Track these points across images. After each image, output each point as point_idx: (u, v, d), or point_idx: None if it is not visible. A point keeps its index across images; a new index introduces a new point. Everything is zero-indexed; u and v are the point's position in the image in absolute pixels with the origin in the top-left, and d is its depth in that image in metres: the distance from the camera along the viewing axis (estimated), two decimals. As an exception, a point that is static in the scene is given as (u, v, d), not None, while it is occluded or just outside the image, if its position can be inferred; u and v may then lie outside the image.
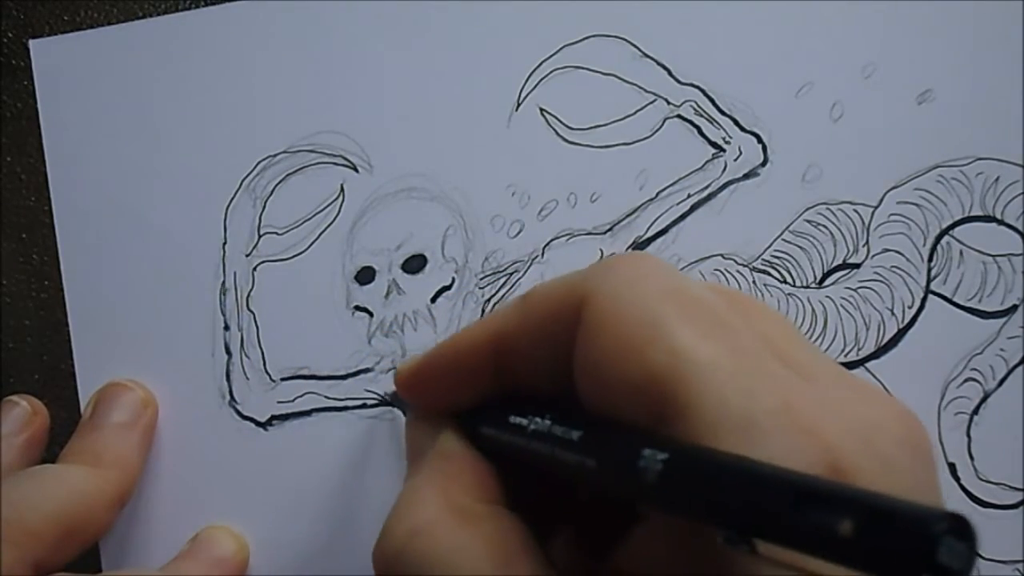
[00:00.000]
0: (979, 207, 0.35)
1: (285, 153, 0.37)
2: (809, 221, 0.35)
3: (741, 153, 0.35)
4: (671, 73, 0.36)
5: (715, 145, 0.35)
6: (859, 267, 0.35)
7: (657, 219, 0.35)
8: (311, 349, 0.36)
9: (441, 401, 0.29)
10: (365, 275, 0.36)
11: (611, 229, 0.36)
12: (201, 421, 0.36)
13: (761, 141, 0.35)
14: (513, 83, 0.36)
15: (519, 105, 0.36)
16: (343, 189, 0.36)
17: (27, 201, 0.37)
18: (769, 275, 0.35)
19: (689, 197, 0.35)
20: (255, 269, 0.36)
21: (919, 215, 0.35)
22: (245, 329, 0.36)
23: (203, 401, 0.36)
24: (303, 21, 0.37)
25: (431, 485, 0.26)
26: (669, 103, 0.36)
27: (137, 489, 0.35)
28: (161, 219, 0.37)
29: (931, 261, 0.35)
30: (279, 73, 0.37)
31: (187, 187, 0.37)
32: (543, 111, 0.36)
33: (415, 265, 0.36)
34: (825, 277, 0.35)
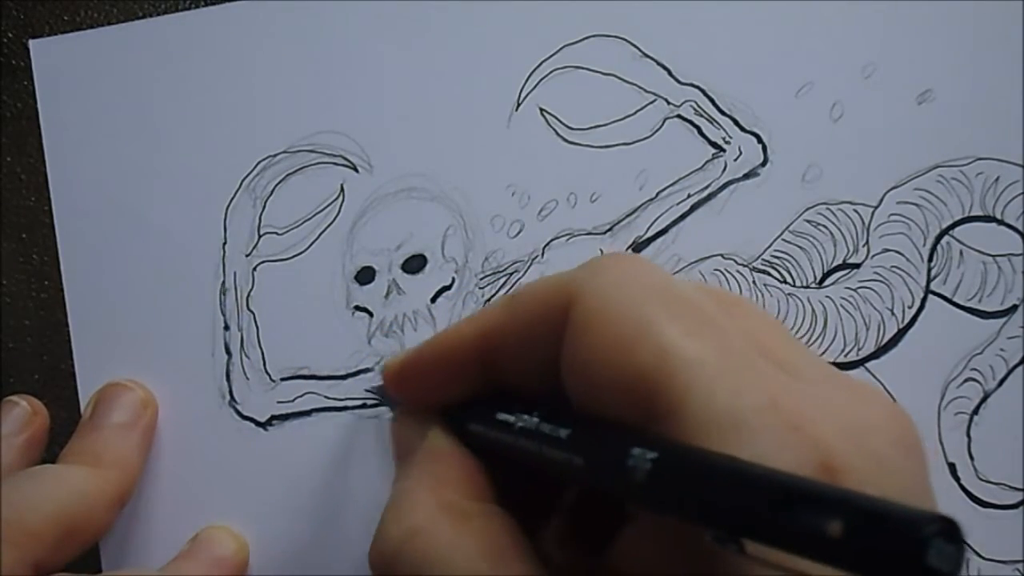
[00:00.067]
0: (979, 207, 0.35)
1: (285, 153, 0.37)
2: (809, 221, 0.35)
3: (741, 153, 0.35)
4: (671, 73, 0.36)
5: (715, 145, 0.35)
6: (859, 267, 0.35)
7: (657, 219, 0.35)
8: (311, 349, 0.36)
9: (428, 397, 0.29)
10: (365, 275, 0.36)
11: (611, 229, 0.36)
12: (201, 421, 0.36)
13: (761, 141, 0.35)
14: (513, 83, 0.36)
15: (519, 105, 0.36)
16: (343, 189, 0.36)
17: (27, 201, 0.37)
18: (769, 275, 0.35)
19: (689, 197, 0.35)
20: (255, 269, 0.36)
21: (919, 215, 0.35)
22: (245, 329, 0.36)
23: (203, 401, 0.36)
24: (303, 21, 0.37)
25: (423, 485, 0.26)
26: (669, 103, 0.36)
27: (137, 489, 0.35)
28: (161, 219, 0.37)
29: (931, 261, 0.35)
30: (279, 73, 0.37)
31: (187, 187, 0.37)
32: (543, 111, 0.36)
33: (415, 265, 0.36)
34: (825, 277, 0.35)
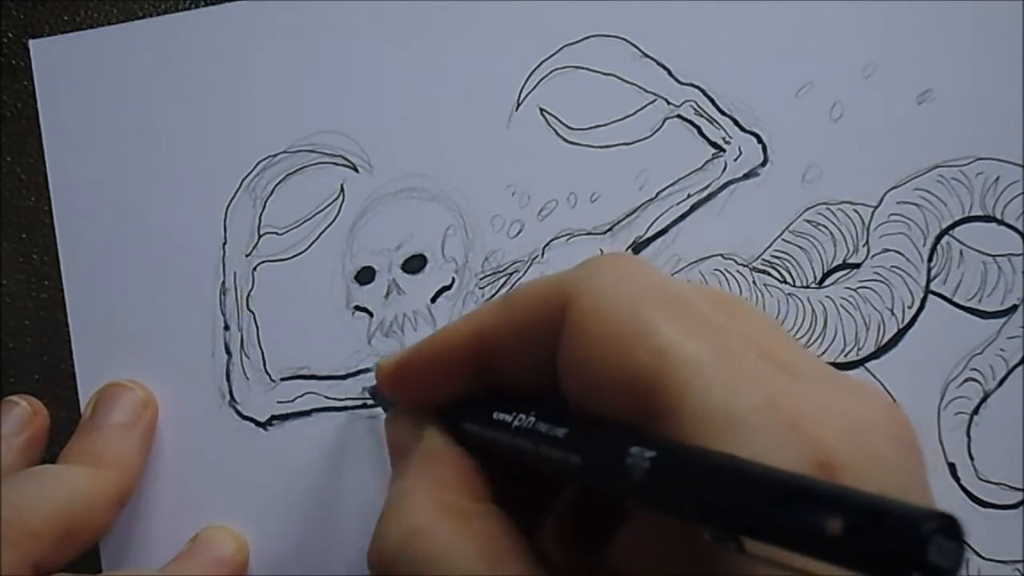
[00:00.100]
0: (979, 207, 0.35)
1: (285, 153, 0.37)
2: (809, 221, 0.35)
3: (741, 153, 0.35)
4: (671, 73, 0.36)
5: (715, 145, 0.35)
6: (859, 267, 0.35)
7: (657, 219, 0.35)
8: (311, 349, 0.36)
9: (423, 397, 0.29)
10: (365, 275, 0.36)
11: (611, 229, 0.36)
12: (201, 421, 0.36)
13: (761, 141, 0.35)
14: (513, 83, 0.36)
15: (519, 105, 0.36)
16: (343, 189, 0.36)
17: (27, 201, 0.37)
18: (769, 275, 0.35)
19: (689, 197, 0.35)
20: (255, 269, 0.36)
21: (919, 215, 0.35)
22: (245, 329, 0.36)
23: (203, 401, 0.36)
24: (303, 21, 0.37)
25: (421, 485, 0.26)
26: (669, 103, 0.36)
27: (137, 489, 0.35)
28: (161, 219, 0.37)
29: (931, 261, 0.35)
30: (279, 73, 0.37)
31: (187, 187, 0.37)
32: (543, 111, 0.36)
33: (415, 265, 0.36)
34: (825, 277, 0.35)
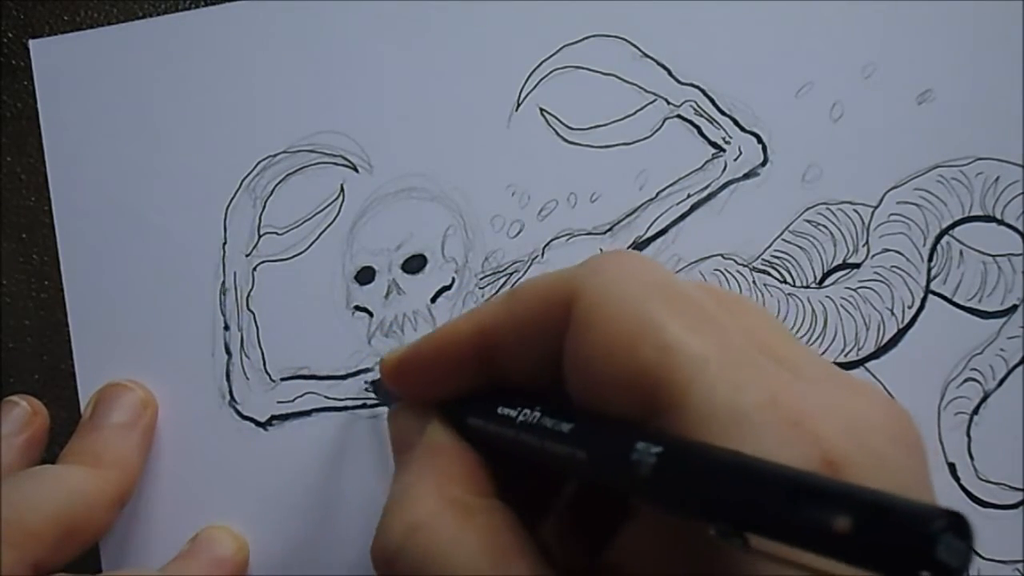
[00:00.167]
0: (979, 207, 0.35)
1: (285, 153, 0.37)
2: (809, 221, 0.35)
3: (741, 153, 0.35)
4: (671, 73, 0.36)
5: (715, 145, 0.35)
6: (859, 267, 0.35)
7: (657, 219, 0.35)
8: (311, 349, 0.36)
9: (426, 392, 0.29)
10: (365, 275, 0.36)
11: (611, 229, 0.36)
12: (201, 421, 0.36)
13: (761, 141, 0.35)
14: (513, 83, 0.36)
15: (519, 105, 0.36)
16: (343, 189, 0.36)
17: (27, 201, 0.37)
18: (769, 275, 0.35)
19: (689, 197, 0.35)
20: (255, 269, 0.36)
21: (919, 215, 0.35)
22: (245, 329, 0.36)
23: (203, 401, 0.36)
24: (303, 21, 0.37)
25: (425, 480, 0.26)
26: (669, 103, 0.36)
27: (137, 489, 0.35)
28: (161, 219, 0.37)
29: (931, 261, 0.35)
30: (279, 73, 0.37)
31: (187, 187, 0.37)
32: (543, 111, 0.36)
33: (415, 265, 0.36)
34: (825, 277, 0.35)
